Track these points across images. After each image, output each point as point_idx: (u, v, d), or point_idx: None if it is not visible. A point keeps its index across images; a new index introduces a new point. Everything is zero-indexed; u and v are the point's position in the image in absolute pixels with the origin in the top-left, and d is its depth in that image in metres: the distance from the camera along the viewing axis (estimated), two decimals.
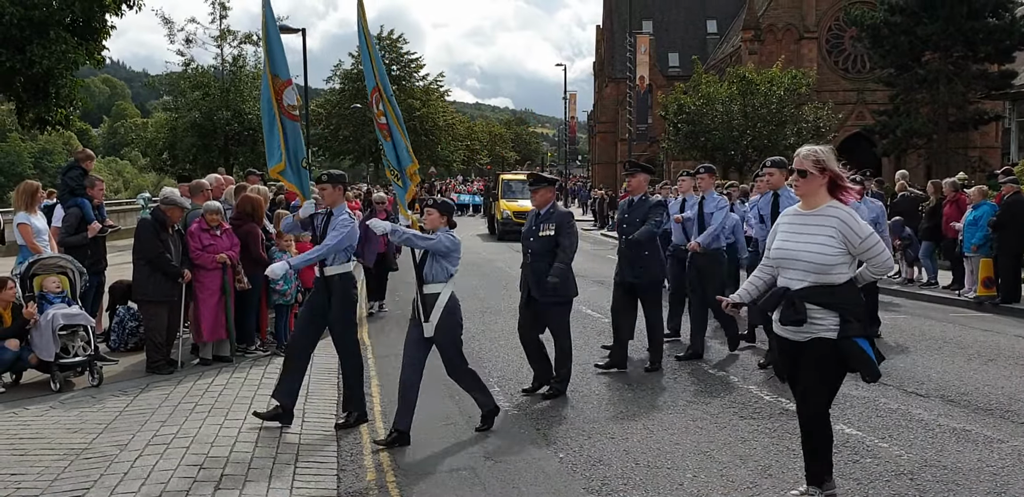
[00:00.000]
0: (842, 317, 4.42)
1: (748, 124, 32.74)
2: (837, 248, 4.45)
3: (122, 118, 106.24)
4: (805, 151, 4.56)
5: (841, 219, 4.48)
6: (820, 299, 4.44)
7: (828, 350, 4.45)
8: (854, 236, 4.45)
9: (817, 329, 4.47)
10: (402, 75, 62.78)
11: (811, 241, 4.50)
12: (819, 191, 4.57)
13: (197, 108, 33.27)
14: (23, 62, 16.15)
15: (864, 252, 4.49)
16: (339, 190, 6.77)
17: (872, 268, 4.57)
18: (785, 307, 4.51)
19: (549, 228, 7.41)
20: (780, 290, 4.57)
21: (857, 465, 5.63)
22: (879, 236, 4.58)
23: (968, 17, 29.82)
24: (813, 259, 4.47)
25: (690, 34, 64.96)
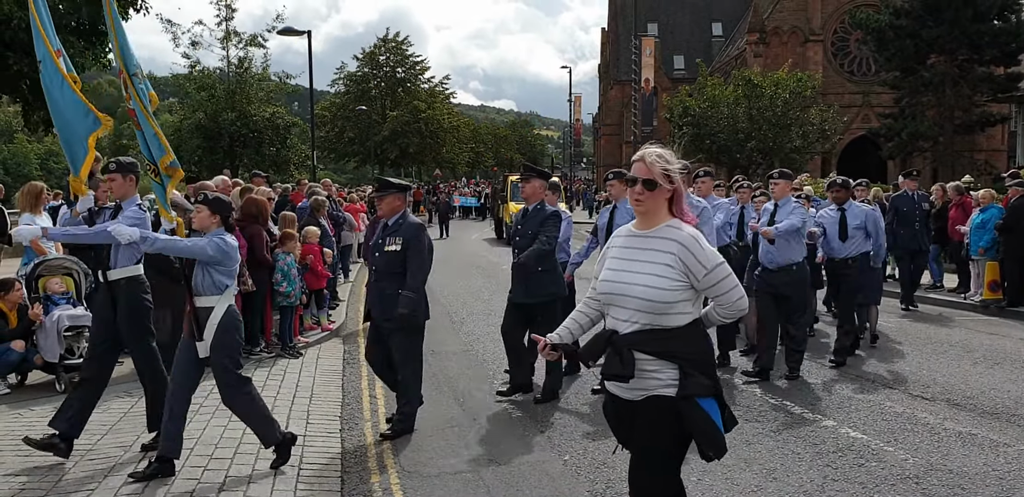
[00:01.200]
0: (682, 370, 3.35)
1: (753, 127, 32.72)
2: (676, 281, 3.35)
3: (128, 120, 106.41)
4: (651, 155, 3.47)
5: (682, 243, 3.38)
6: (654, 347, 3.35)
7: (666, 411, 3.38)
8: (698, 266, 3.35)
9: (652, 385, 3.38)
10: (407, 77, 62.97)
11: (643, 271, 3.40)
12: (661, 207, 3.48)
13: (202, 110, 33.38)
14: (30, 65, 16.22)
15: (711, 287, 3.40)
16: (130, 181, 5.78)
17: (720, 308, 3.49)
18: (609, 357, 3.41)
19: (395, 242, 6.42)
20: (605, 334, 3.45)
21: (862, 469, 5.61)
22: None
23: (973, 20, 29.82)
24: (645, 295, 3.35)
25: (695, 37, 65.00)
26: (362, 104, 58.22)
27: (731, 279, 3.42)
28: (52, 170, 75.40)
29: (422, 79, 63.82)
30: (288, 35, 28.34)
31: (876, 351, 9.51)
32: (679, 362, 3.35)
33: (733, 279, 3.42)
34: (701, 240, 3.41)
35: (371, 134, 57.74)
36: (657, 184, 3.41)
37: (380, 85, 62.60)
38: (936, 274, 14.28)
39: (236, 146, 33.85)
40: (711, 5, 65.99)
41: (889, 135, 33.62)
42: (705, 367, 3.40)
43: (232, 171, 27.74)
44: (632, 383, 3.39)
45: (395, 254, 6.41)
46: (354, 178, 77.39)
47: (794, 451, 5.99)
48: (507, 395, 7.55)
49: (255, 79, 34.57)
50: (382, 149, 58.60)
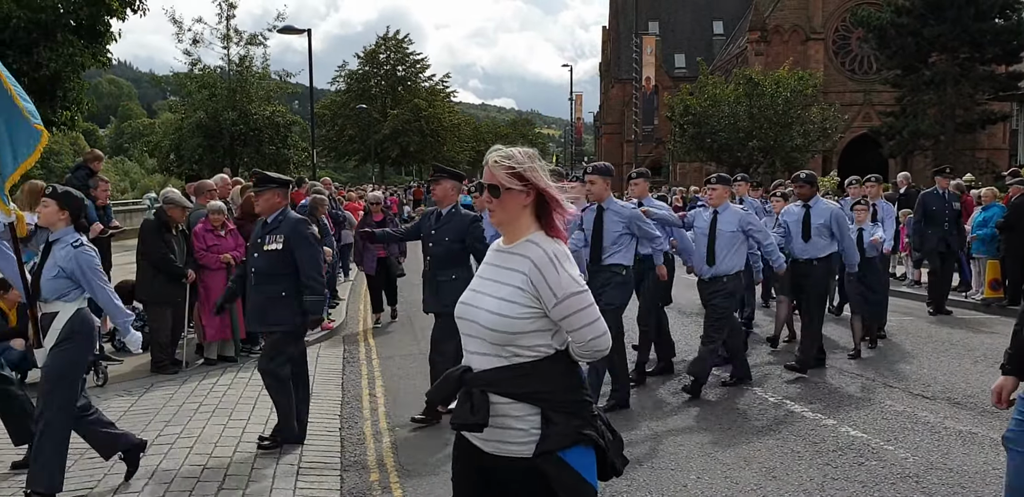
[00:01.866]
0: (544, 415, 2.71)
1: (754, 126, 32.71)
2: (526, 307, 2.72)
3: (129, 118, 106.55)
4: (495, 155, 2.86)
5: (535, 263, 2.73)
6: (510, 387, 2.72)
7: (530, 475, 2.72)
8: (548, 293, 2.70)
9: (510, 437, 2.72)
10: (408, 75, 62.98)
11: (493, 295, 2.79)
12: (520, 217, 2.84)
13: (203, 108, 33.39)
14: (30, 65, 16.25)
15: (562, 320, 2.72)
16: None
17: (575, 346, 2.78)
18: (460, 400, 2.77)
19: (276, 241, 5.91)
20: (456, 372, 2.82)
21: (862, 468, 5.61)
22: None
23: (975, 18, 29.80)
24: (489, 323, 2.74)
25: (696, 35, 64.94)
26: (363, 102, 58.26)
27: (587, 313, 2.72)
28: (53, 169, 75.35)
29: (423, 77, 63.85)
30: (288, 34, 28.35)
31: (877, 349, 9.49)
32: (540, 405, 2.72)
33: (591, 313, 2.72)
34: (560, 261, 2.74)
35: (371, 132, 57.76)
36: (502, 189, 2.79)
37: (381, 83, 62.63)
38: None
39: (236, 145, 33.85)
40: (712, 3, 65.92)
41: (890, 134, 33.60)
42: (572, 407, 2.75)
43: (232, 170, 27.73)
44: (487, 433, 2.73)
45: (277, 254, 5.91)
46: (355, 176, 77.43)
47: (794, 450, 5.99)
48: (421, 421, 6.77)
49: (256, 78, 34.57)
50: (382, 148, 58.64)
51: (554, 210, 2.83)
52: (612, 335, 2.84)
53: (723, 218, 7.63)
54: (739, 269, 7.67)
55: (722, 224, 7.61)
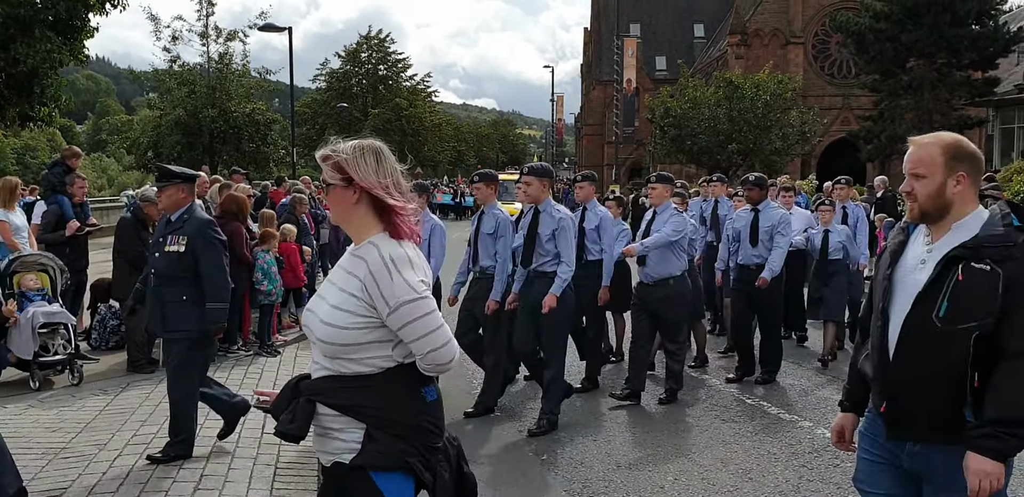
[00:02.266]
0: (367, 432, 2.54)
1: (734, 128, 32.89)
2: (360, 316, 2.52)
3: (107, 115, 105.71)
4: (322, 151, 2.73)
5: (370, 267, 2.53)
6: (338, 398, 2.56)
7: (344, 482, 2.61)
8: (381, 300, 2.49)
9: (336, 448, 2.60)
10: (389, 75, 62.87)
11: (330, 302, 2.60)
12: (353, 215, 2.64)
13: (182, 106, 33.16)
14: (7, 60, 16.07)
15: (400, 329, 2.50)
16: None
17: (417, 359, 2.54)
18: (288, 411, 2.65)
19: (179, 242, 5.48)
20: (294, 380, 2.72)
21: (837, 469, 5.65)
22: None
23: (952, 24, 30.09)
24: (320, 332, 2.58)
25: (677, 38, 65.21)
26: (344, 101, 58.10)
27: (424, 323, 2.49)
28: (29, 165, 74.62)
29: (404, 77, 63.77)
30: (269, 31, 28.22)
31: (851, 352, 9.54)
32: (364, 421, 2.54)
33: (428, 323, 2.49)
34: (396, 265, 2.51)
35: (352, 132, 57.54)
36: (332, 184, 2.63)
37: (362, 82, 62.48)
38: None
39: (216, 142, 33.65)
40: (693, 6, 66.22)
41: (868, 138, 33.88)
42: (400, 429, 2.52)
43: (211, 167, 27.58)
44: (319, 443, 2.64)
45: (178, 256, 5.50)
46: None
47: (770, 451, 6.03)
48: None
49: (235, 75, 34.36)
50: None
51: (393, 211, 2.61)
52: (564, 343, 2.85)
53: (660, 218, 7.41)
54: (676, 273, 7.31)
55: (658, 224, 7.37)
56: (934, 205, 2.75)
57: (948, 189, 2.73)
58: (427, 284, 2.59)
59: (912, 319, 2.71)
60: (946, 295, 2.64)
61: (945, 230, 2.75)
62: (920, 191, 2.76)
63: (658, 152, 37.65)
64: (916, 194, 2.77)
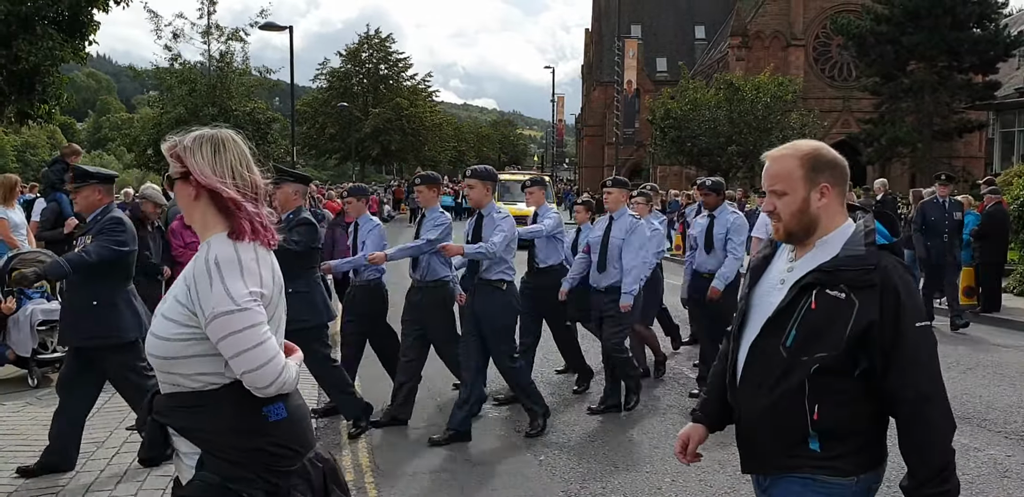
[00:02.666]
0: (200, 458, 2.28)
1: (734, 130, 32.92)
2: (185, 326, 2.24)
3: (107, 112, 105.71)
4: (166, 142, 2.47)
5: (194, 270, 2.27)
6: (177, 419, 2.28)
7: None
8: (198, 308, 2.21)
9: (183, 472, 2.34)
10: (390, 74, 62.83)
11: (162, 309, 2.33)
12: (195, 211, 2.38)
13: (183, 104, 33.16)
14: (8, 57, 16.05)
15: (218, 344, 2.20)
16: None
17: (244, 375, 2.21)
18: None
19: (86, 243, 5.23)
20: (149, 395, 2.41)
21: None
22: None
23: (953, 27, 30.11)
24: (149, 344, 2.31)
25: (678, 39, 65.23)
26: (344, 100, 58.05)
27: (238, 340, 2.18)
28: (29, 162, 74.59)
29: (405, 76, 63.72)
30: (269, 30, 28.22)
31: None
32: (198, 445, 2.26)
33: (244, 340, 2.18)
34: (221, 270, 2.22)
35: (353, 131, 57.57)
36: (174, 179, 2.39)
37: (363, 82, 62.44)
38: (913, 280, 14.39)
39: None
40: (694, 8, 66.25)
41: (868, 140, 33.91)
42: (237, 455, 2.25)
43: None
44: (175, 465, 2.37)
45: None
46: (335, 175, 77.17)
47: None
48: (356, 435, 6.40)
49: (236, 74, 34.37)
50: (363, 146, 58.45)
51: (236, 208, 2.33)
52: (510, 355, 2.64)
53: (617, 225, 7.07)
54: None
55: (615, 231, 7.04)
56: (799, 223, 2.44)
57: (812, 204, 2.43)
58: (262, 295, 2.26)
59: (758, 346, 2.46)
60: (795, 323, 2.37)
61: (810, 247, 2.46)
62: (782, 209, 2.45)
63: (658, 153, 37.69)
64: (779, 213, 2.46)
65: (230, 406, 2.26)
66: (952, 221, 11.51)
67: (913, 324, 2.30)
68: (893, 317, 2.29)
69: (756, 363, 2.47)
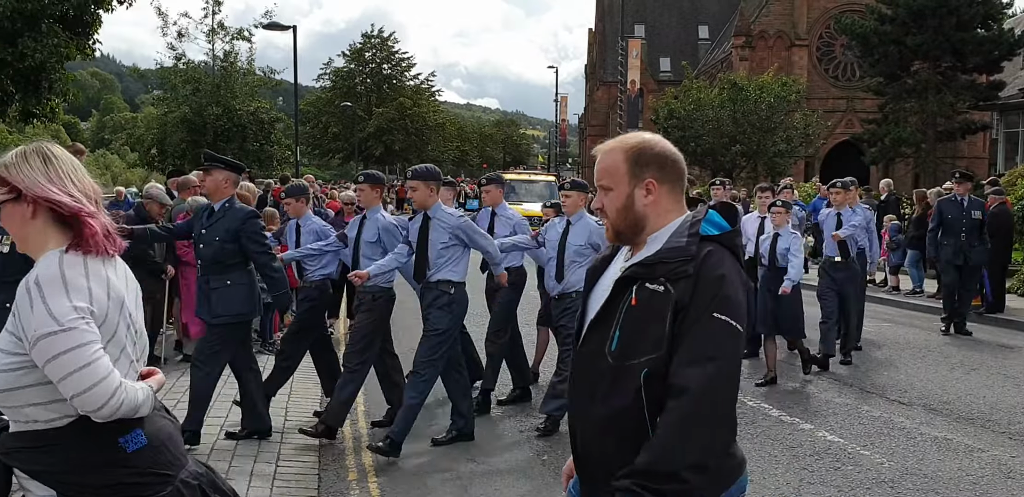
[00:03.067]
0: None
1: (738, 130, 32.85)
2: (14, 353, 2.06)
3: (111, 112, 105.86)
4: None
5: (17, 294, 2.08)
6: (20, 459, 2.09)
7: None
8: (22, 332, 2.04)
9: None
10: (393, 74, 62.88)
11: None
12: (30, 233, 2.18)
13: (187, 103, 33.21)
14: (14, 55, 16.07)
15: (44, 367, 2.02)
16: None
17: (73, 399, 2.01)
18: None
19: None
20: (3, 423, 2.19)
21: (838, 472, 5.65)
22: None
23: (957, 28, 30.04)
24: None
25: (682, 39, 65.17)
26: (348, 100, 58.10)
27: (65, 361, 1.99)
28: None
29: (408, 76, 63.76)
30: (273, 30, 28.25)
31: (855, 355, 9.54)
32: (50, 486, 2.07)
33: (70, 361, 1.99)
34: (43, 289, 2.03)
35: (356, 130, 57.60)
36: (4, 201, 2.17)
37: (366, 81, 62.49)
38: (916, 280, 14.38)
39: (220, 141, 33.67)
40: (698, 8, 66.20)
41: (872, 141, 33.83)
42: (90, 492, 2.08)
43: None
44: None
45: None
46: (338, 174, 77.23)
47: (771, 454, 6.02)
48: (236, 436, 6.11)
49: (240, 73, 34.41)
50: (367, 146, 58.50)
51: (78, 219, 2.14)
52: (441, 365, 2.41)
53: (575, 230, 6.65)
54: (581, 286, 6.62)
55: (572, 236, 6.67)
56: (625, 221, 2.23)
57: (637, 201, 2.21)
58: (91, 311, 2.06)
59: (583, 353, 2.22)
60: (618, 324, 2.11)
61: (642, 245, 2.23)
62: (608, 206, 2.24)
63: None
64: (606, 210, 2.25)
65: (80, 441, 2.07)
66: (970, 220, 11.06)
67: (711, 313, 2.03)
68: (696, 304, 2.04)
69: (585, 372, 2.20)
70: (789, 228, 8.39)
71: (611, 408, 2.11)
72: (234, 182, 5.93)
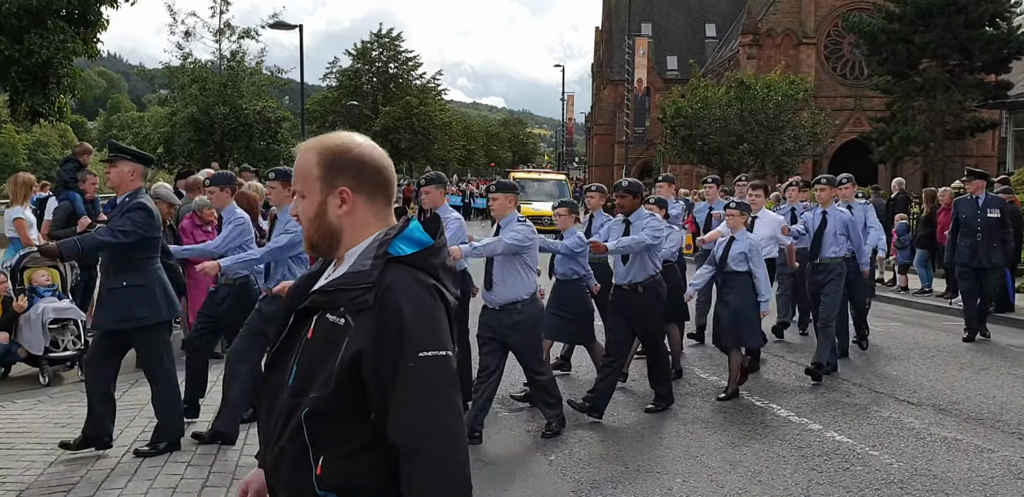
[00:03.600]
0: None
1: (745, 129, 32.80)
2: None
3: (118, 111, 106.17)
4: None
5: None
6: None
7: None
8: None
9: None
10: (400, 73, 62.85)
11: None
12: None
13: (194, 103, 33.28)
14: (21, 51, 16.10)
15: None
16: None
17: None
18: None
19: None
20: None
21: (847, 473, 5.62)
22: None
23: (965, 26, 29.94)
24: None
25: (689, 37, 65.05)
26: (354, 99, 58.08)
27: None
28: (40, 161, 74.96)
29: (415, 75, 63.71)
30: (279, 29, 28.26)
31: (863, 355, 9.52)
32: None
33: None
34: None
35: (362, 129, 57.58)
36: None
37: (372, 80, 62.47)
38: (925, 279, 14.33)
39: (227, 140, 33.74)
40: (705, 6, 66.06)
41: (880, 139, 33.73)
42: None
43: (222, 165, 27.64)
44: None
45: None
46: None
47: (779, 454, 6.00)
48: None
49: (247, 73, 34.46)
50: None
51: None
52: None
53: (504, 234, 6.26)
54: (523, 295, 6.19)
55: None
56: (319, 233, 1.99)
57: (331, 211, 1.98)
58: None
59: (266, 388, 2.04)
60: (296, 358, 1.93)
61: (341, 262, 2.00)
62: (302, 214, 2.02)
63: (668, 152, 37.58)
64: (300, 219, 2.03)
65: None
66: (986, 219, 10.40)
67: (416, 354, 1.81)
68: (391, 345, 1.81)
69: (267, 408, 2.02)
70: (744, 231, 7.75)
71: (282, 448, 1.93)
72: (142, 174, 5.52)
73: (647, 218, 6.88)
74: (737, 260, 7.51)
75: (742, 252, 7.49)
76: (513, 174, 25.70)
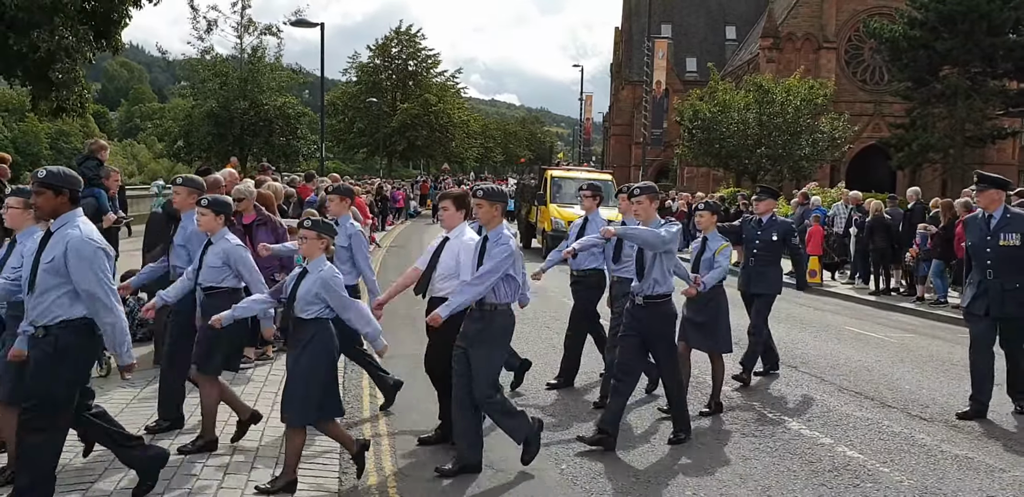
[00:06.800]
0: None
1: (763, 133, 32.68)
2: None
3: (140, 102, 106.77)
4: None
5: None
6: None
7: None
8: None
9: None
10: (419, 70, 62.92)
11: None
12: None
13: (214, 97, 33.47)
14: (29, 46, 16.20)
15: None
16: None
17: None
18: None
19: None
20: None
21: (857, 489, 5.63)
22: None
23: (988, 33, 29.79)
24: None
25: (708, 40, 64.91)
26: (373, 95, 58.22)
27: None
28: (62, 150, 75.43)
29: (433, 72, 63.76)
30: (300, 27, 28.40)
31: (876, 367, 9.49)
32: None
33: None
34: None
35: (381, 126, 57.70)
36: None
37: (392, 77, 62.55)
38: (940, 290, 14.27)
39: (246, 135, 33.92)
40: (726, 8, 65.89)
41: (899, 145, 33.61)
42: None
43: (240, 160, 27.80)
44: None
45: None
46: (362, 168, 77.44)
47: (790, 469, 6.01)
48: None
49: (268, 68, 34.65)
50: (391, 141, 58.61)
51: None
52: None
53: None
54: None
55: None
56: None
57: None
58: None
59: None
60: None
61: None
62: None
63: (686, 154, 37.50)
64: None
65: None
66: (996, 247, 7.36)
67: None
68: None
69: None
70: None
71: None
72: None
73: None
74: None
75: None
76: (549, 172, 22.79)
